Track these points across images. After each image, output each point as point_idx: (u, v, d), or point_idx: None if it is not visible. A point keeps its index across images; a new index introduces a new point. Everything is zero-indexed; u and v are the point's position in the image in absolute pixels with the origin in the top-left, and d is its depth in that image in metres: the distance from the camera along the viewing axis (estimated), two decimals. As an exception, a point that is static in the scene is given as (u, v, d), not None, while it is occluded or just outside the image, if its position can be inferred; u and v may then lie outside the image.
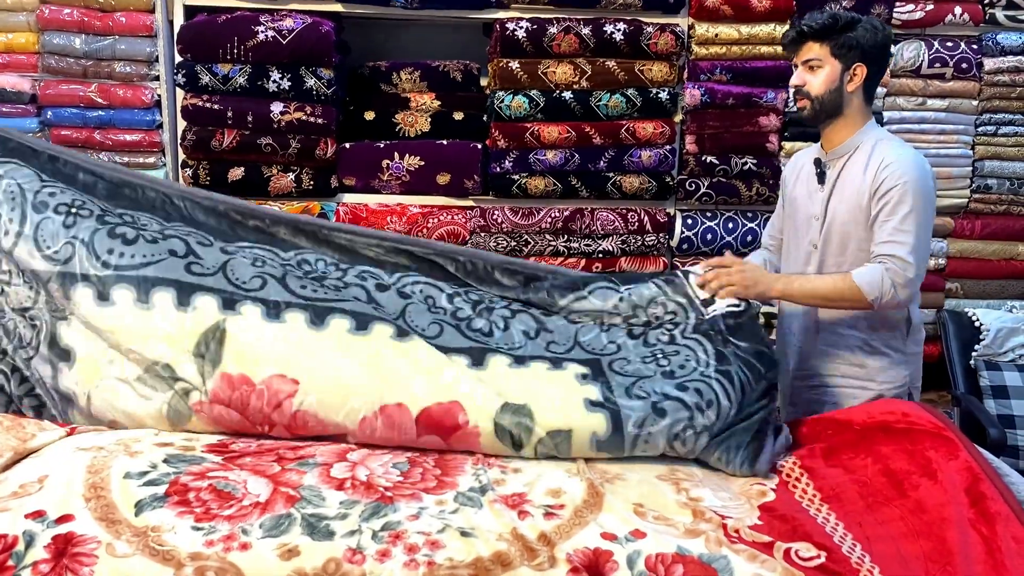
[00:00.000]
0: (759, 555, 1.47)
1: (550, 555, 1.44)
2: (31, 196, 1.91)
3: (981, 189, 3.22)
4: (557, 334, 2.02)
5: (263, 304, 1.86)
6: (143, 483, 1.57)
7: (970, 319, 3.17)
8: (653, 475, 1.74)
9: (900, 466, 1.69)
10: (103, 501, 1.51)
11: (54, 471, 1.59)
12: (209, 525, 1.47)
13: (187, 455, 1.70)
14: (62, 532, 1.43)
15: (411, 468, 1.72)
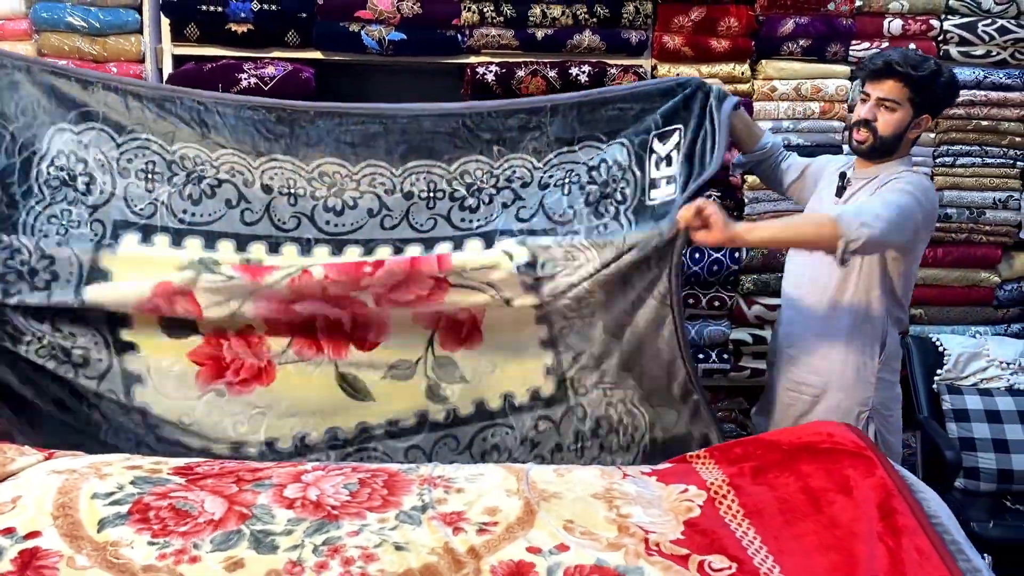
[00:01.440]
0: (674, 566, 1.57)
1: (476, 567, 1.55)
2: (115, 164, 2.34)
3: (942, 218, 3.32)
4: (529, 199, 2.43)
5: (298, 243, 2.37)
6: (109, 502, 1.70)
7: (934, 344, 3.26)
8: (589, 494, 1.85)
9: (819, 484, 1.79)
10: (70, 519, 1.64)
11: (27, 492, 1.72)
12: (164, 540, 1.59)
13: (153, 477, 1.83)
14: (28, 547, 1.55)
15: (360, 488, 1.83)
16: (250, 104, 2.41)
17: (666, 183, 2.31)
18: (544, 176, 2.43)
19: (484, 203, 2.42)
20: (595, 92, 2.51)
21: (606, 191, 2.39)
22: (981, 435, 3.06)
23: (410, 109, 2.44)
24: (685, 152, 2.31)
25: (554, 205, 2.41)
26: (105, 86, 2.35)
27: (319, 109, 2.41)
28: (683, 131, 2.35)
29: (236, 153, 2.37)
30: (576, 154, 2.43)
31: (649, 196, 2.33)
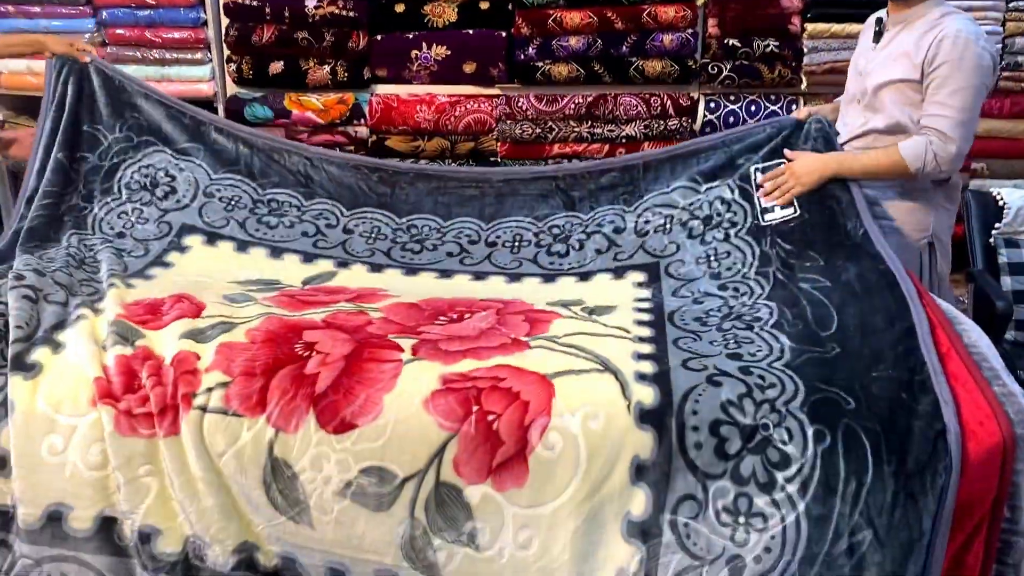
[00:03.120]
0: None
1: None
2: (203, 186, 2.38)
3: (1011, 67, 3.18)
4: (626, 246, 2.29)
5: (369, 264, 2.30)
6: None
7: (993, 198, 3.18)
8: None
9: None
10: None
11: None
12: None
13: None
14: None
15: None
16: (354, 163, 2.46)
17: (781, 208, 2.20)
18: (639, 222, 2.31)
19: (574, 248, 2.30)
20: (687, 144, 2.42)
21: (711, 223, 2.26)
22: (1036, 288, 3.02)
23: (504, 172, 2.47)
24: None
25: (655, 244, 2.26)
26: (218, 129, 2.43)
27: (419, 171, 2.46)
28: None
29: (331, 203, 2.40)
30: (671, 196, 2.32)
31: (763, 219, 2.20)
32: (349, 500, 1.59)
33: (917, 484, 1.48)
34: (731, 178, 2.33)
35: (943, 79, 2.12)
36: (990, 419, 1.53)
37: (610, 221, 2.32)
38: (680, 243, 2.26)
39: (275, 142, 2.47)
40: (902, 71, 2.19)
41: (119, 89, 2.41)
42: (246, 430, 1.60)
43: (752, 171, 2.32)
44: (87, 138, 2.35)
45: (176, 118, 2.42)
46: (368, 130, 3.29)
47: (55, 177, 2.28)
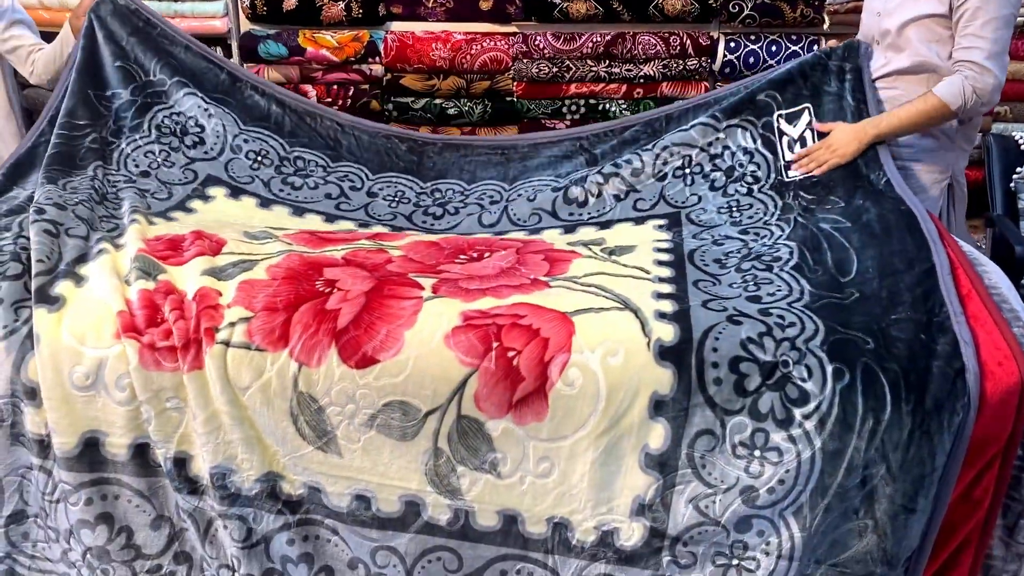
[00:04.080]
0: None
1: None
2: (230, 139, 2.36)
3: (1039, 6, 3.11)
4: (645, 191, 2.26)
5: (390, 227, 2.28)
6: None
7: (1016, 142, 3.16)
8: None
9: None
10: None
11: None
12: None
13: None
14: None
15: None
16: (385, 132, 2.46)
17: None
18: (658, 163, 2.28)
19: (592, 195, 2.26)
20: (710, 94, 2.41)
21: (734, 175, 2.24)
22: (1055, 233, 3.01)
23: (531, 138, 2.46)
24: (821, 132, 2.21)
25: (676, 195, 2.25)
26: (253, 87, 2.42)
27: (447, 141, 2.46)
28: (811, 109, 2.24)
29: (356, 167, 2.40)
30: (690, 134, 2.28)
31: (787, 175, 2.19)
32: (375, 431, 1.62)
33: (934, 422, 1.50)
34: (753, 116, 2.30)
35: (973, 11, 2.09)
36: (1009, 359, 1.54)
37: (627, 161, 2.30)
38: (702, 195, 2.24)
39: (308, 105, 2.46)
40: (928, 6, 2.15)
41: (160, 35, 2.39)
42: (270, 364, 1.62)
43: (775, 118, 2.29)
44: (122, 74, 2.33)
45: (213, 71, 2.41)
46: (383, 68, 3.26)
47: (84, 111, 2.26)
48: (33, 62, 2.58)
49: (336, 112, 2.48)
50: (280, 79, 3.29)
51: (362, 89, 3.30)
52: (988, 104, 2.14)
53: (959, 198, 2.39)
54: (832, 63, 2.31)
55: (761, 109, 2.30)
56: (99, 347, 1.66)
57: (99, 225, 1.98)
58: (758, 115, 2.30)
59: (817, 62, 2.32)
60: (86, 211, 1.99)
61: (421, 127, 3.34)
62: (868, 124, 2.16)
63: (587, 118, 3.29)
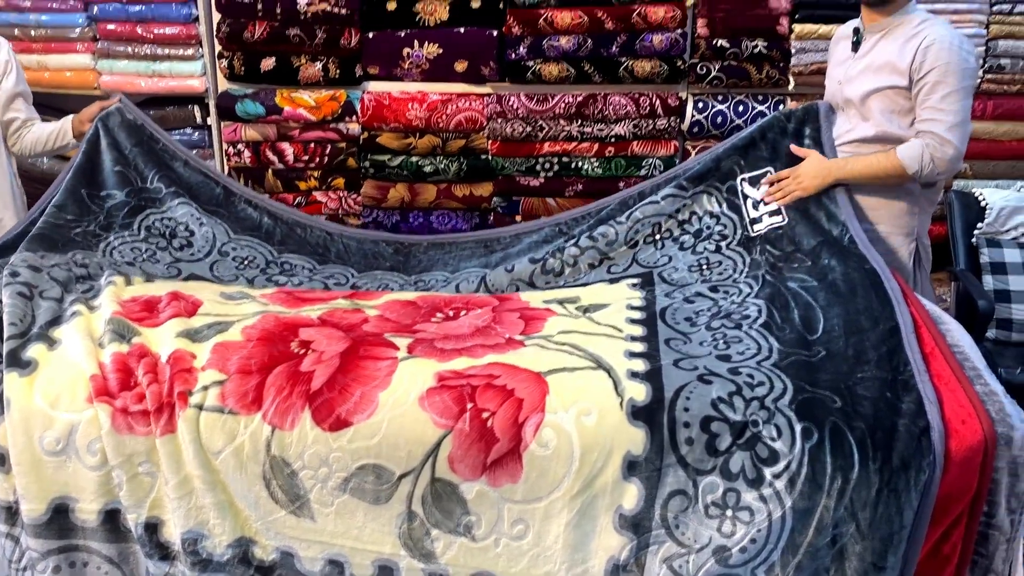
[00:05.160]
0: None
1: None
2: (219, 244, 2.36)
3: (994, 69, 3.23)
4: (618, 259, 2.35)
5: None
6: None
7: (976, 199, 3.24)
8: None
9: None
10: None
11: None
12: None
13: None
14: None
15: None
16: (372, 238, 2.51)
17: (770, 216, 2.27)
18: (630, 234, 2.35)
19: (569, 265, 2.33)
20: (678, 168, 2.46)
21: (702, 236, 2.32)
22: (1017, 287, 3.08)
23: (513, 229, 2.50)
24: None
25: (648, 258, 2.33)
26: (247, 200, 2.47)
27: (433, 241, 2.51)
28: (773, 172, 2.32)
29: (343, 267, 2.43)
30: (660, 205, 2.36)
31: (752, 230, 2.28)
32: (348, 495, 1.62)
33: (901, 480, 1.52)
34: (718, 182, 2.38)
35: (933, 84, 2.16)
36: (972, 418, 1.57)
37: (602, 234, 2.37)
38: (672, 255, 2.31)
39: (299, 216, 2.50)
40: (888, 79, 2.22)
41: (162, 149, 2.44)
42: (243, 428, 1.62)
43: (739, 182, 2.37)
44: (120, 177, 2.36)
45: (209, 185, 2.45)
46: (360, 127, 3.31)
47: (75, 207, 2.26)
48: (20, 137, 2.61)
49: (326, 222, 2.52)
50: (257, 137, 3.32)
51: (339, 147, 3.34)
52: (945, 173, 2.20)
53: (924, 258, 2.44)
54: (791, 125, 2.39)
55: (725, 174, 2.39)
56: (71, 411, 1.65)
57: (74, 287, 1.98)
58: (722, 180, 2.38)
59: (776, 124, 2.40)
60: (63, 272, 1.99)
61: (397, 184, 3.38)
62: (835, 165, 2.24)
63: (560, 175, 3.35)
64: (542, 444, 1.58)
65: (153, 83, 3.32)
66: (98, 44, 3.28)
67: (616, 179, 3.34)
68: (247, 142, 3.34)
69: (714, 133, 3.29)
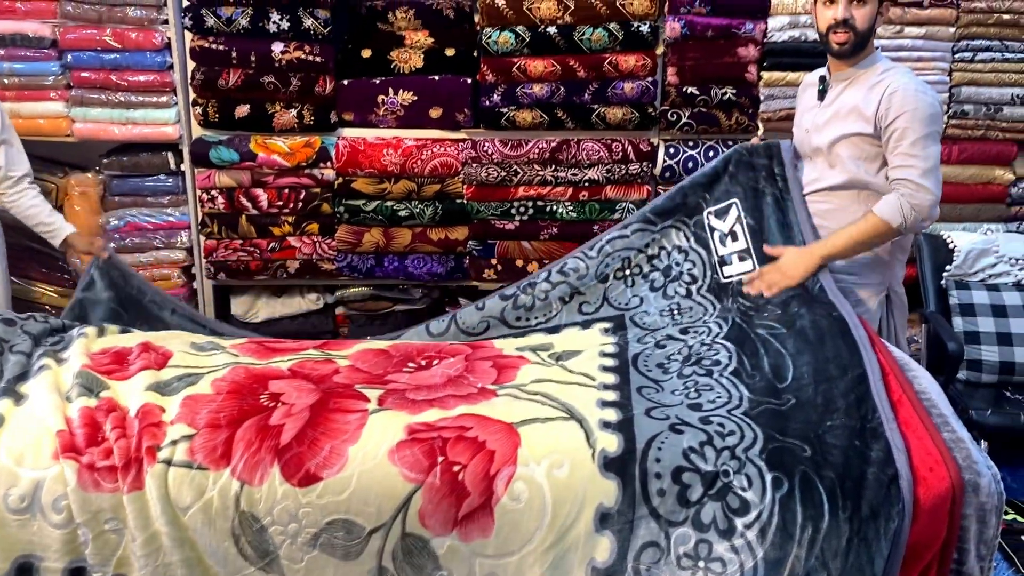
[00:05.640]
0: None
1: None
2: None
3: (958, 115, 3.31)
4: (589, 294, 2.35)
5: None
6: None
7: (944, 241, 3.30)
8: None
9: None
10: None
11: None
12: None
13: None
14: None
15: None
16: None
17: (739, 259, 2.30)
18: (600, 267, 2.39)
19: (540, 300, 2.35)
20: (655, 202, 2.49)
21: (671, 275, 2.35)
22: (986, 329, 3.12)
23: (480, 313, 2.41)
24: (751, 225, 2.32)
25: (619, 297, 2.36)
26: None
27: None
28: (739, 203, 2.35)
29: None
30: (629, 239, 2.40)
31: (723, 274, 2.31)
32: (318, 551, 1.60)
33: (871, 529, 1.53)
34: (684, 216, 2.42)
35: (901, 131, 2.17)
36: (940, 465, 1.59)
37: (573, 269, 2.38)
38: (643, 296, 2.33)
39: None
40: (855, 125, 2.25)
41: (150, 301, 2.48)
42: (212, 483, 1.60)
43: (705, 215, 2.40)
44: (113, 314, 2.38)
45: (197, 328, 2.44)
46: (335, 172, 3.32)
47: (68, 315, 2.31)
48: (12, 193, 2.65)
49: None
50: (231, 183, 3.32)
51: (313, 192, 3.35)
52: (929, 219, 2.19)
53: (897, 306, 2.45)
54: (755, 159, 2.42)
55: (692, 209, 2.43)
56: (37, 468, 1.63)
57: (45, 340, 1.97)
58: (689, 215, 2.42)
59: (739, 158, 2.44)
60: (37, 326, 1.98)
61: (372, 228, 3.38)
62: (816, 248, 2.22)
63: (535, 219, 3.37)
64: (514, 497, 1.57)
65: (127, 130, 3.32)
66: (72, 92, 3.28)
67: (590, 222, 3.37)
68: (221, 188, 3.34)
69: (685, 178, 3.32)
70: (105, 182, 3.43)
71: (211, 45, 3.17)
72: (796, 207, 2.32)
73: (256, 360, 1.99)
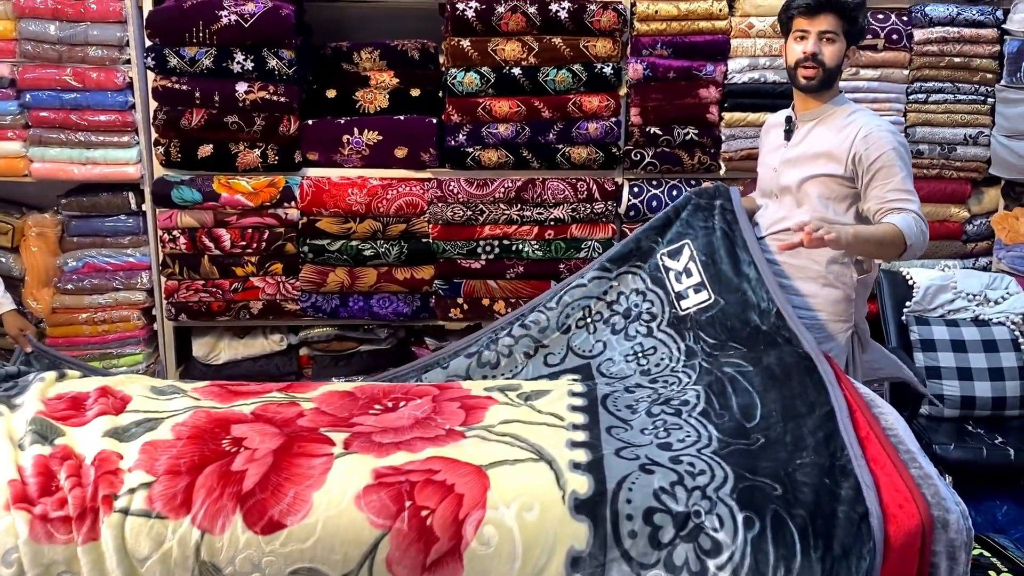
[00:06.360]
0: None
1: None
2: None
3: (914, 154, 3.38)
4: (553, 346, 2.36)
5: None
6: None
7: (903, 278, 3.36)
8: None
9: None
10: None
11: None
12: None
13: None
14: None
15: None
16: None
17: (695, 292, 2.33)
18: (561, 318, 2.40)
19: (504, 355, 2.36)
20: (610, 251, 2.53)
21: (631, 316, 2.37)
22: (947, 364, 3.17)
23: (451, 349, 2.45)
24: (703, 260, 2.35)
25: (582, 344, 2.37)
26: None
27: (384, 377, 2.47)
28: (691, 243, 2.40)
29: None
30: (588, 288, 2.43)
31: (681, 307, 2.33)
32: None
33: (843, 568, 1.52)
34: (639, 261, 2.46)
35: (887, 170, 2.20)
36: (909, 502, 1.59)
37: (534, 322, 2.40)
38: (606, 341, 2.34)
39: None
40: (826, 167, 2.28)
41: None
42: (171, 532, 1.55)
43: (659, 257, 2.44)
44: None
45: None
46: (299, 212, 3.29)
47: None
48: None
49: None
50: (193, 224, 3.28)
51: (277, 232, 3.32)
52: (922, 251, 2.17)
53: (865, 343, 2.47)
54: (703, 201, 2.47)
55: (646, 253, 2.47)
56: (-14, 519, 1.57)
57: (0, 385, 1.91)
58: (643, 259, 2.46)
59: (687, 203, 2.49)
60: None
61: (337, 268, 3.35)
62: (850, 230, 2.07)
63: (501, 258, 3.37)
64: (483, 542, 1.54)
65: (87, 170, 3.27)
66: (30, 131, 3.23)
67: (556, 261, 3.37)
68: (183, 228, 3.29)
69: (650, 216, 3.33)
70: (63, 223, 3.36)
71: (174, 85, 3.15)
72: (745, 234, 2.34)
73: (218, 404, 1.94)
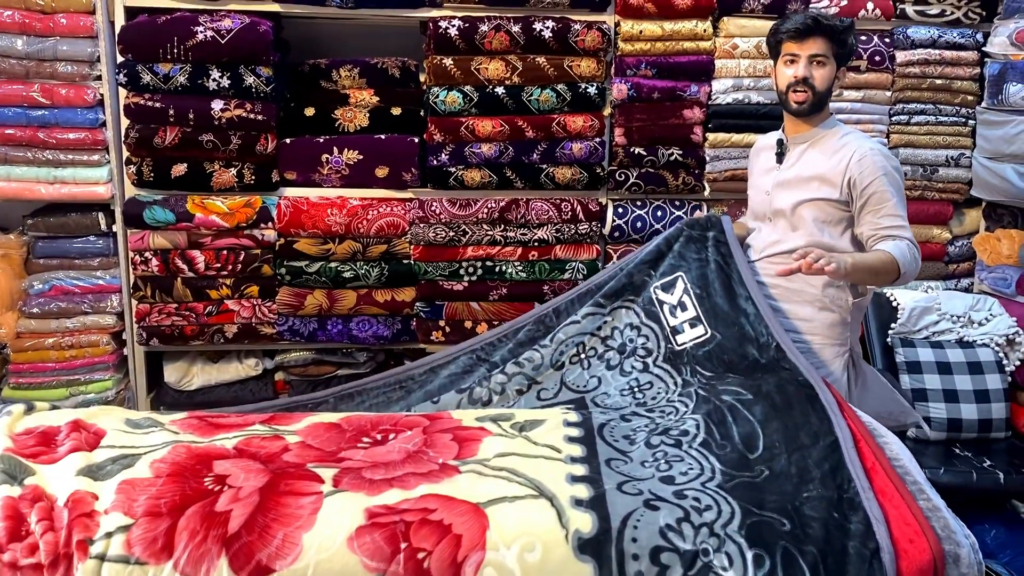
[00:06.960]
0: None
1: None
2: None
3: (896, 176, 3.38)
4: (546, 382, 2.31)
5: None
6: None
7: (888, 300, 3.35)
8: None
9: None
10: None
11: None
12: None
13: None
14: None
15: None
16: (283, 405, 2.39)
17: (690, 327, 2.29)
18: (555, 355, 2.35)
19: (496, 393, 2.30)
20: (590, 280, 2.50)
21: (626, 351, 2.32)
22: (932, 386, 3.16)
23: (425, 362, 2.40)
24: (697, 292, 2.31)
25: (576, 380, 2.31)
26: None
27: (339, 393, 2.38)
28: (684, 276, 2.36)
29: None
30: (581, 324, 2.38)
31: (676, 342, 2.28)
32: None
33: (856, 607, 1.47)
34: (632, 295, 2.41)
35: (881, 194, 2.19)
36: (919, 536, 1.55)
37: (528, 359, 2.34)
38: (601, 376, 2.29)
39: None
40: (819, 190, 2.26)
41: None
42: None
43: (652, 291, 2.39)
44: None
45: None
46: (276, 233, 3.21)
47: None
48: None
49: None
50: (166, 245, 3.18)
51: (253, 254, 3.22)
52: (915, 276, 2.17)
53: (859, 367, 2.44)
54: (695, 232, 2.43)
55: (638, 287, 2.42)
56: (-50, 568, 1.46)
57: None
58: (636, 293, 2.41)
59: (679, 234, 2.45)
60: None
61: (315, 290, 3.27)
62: (849, 258, 2.06)
63: (484, 279, 3.31)
64: None
65: (55, 190, 3.15)
66: (-5, 149, 3.12)
67: (540, 282, 3.32)
68: (155, 250, 3.19)
69: (634, 237, 3.31)
70: (29, 244, 3.24)
71: (147, 102, 3.05)
72: (741, 268, 2.30)
73: (198, 438, 1.85)
